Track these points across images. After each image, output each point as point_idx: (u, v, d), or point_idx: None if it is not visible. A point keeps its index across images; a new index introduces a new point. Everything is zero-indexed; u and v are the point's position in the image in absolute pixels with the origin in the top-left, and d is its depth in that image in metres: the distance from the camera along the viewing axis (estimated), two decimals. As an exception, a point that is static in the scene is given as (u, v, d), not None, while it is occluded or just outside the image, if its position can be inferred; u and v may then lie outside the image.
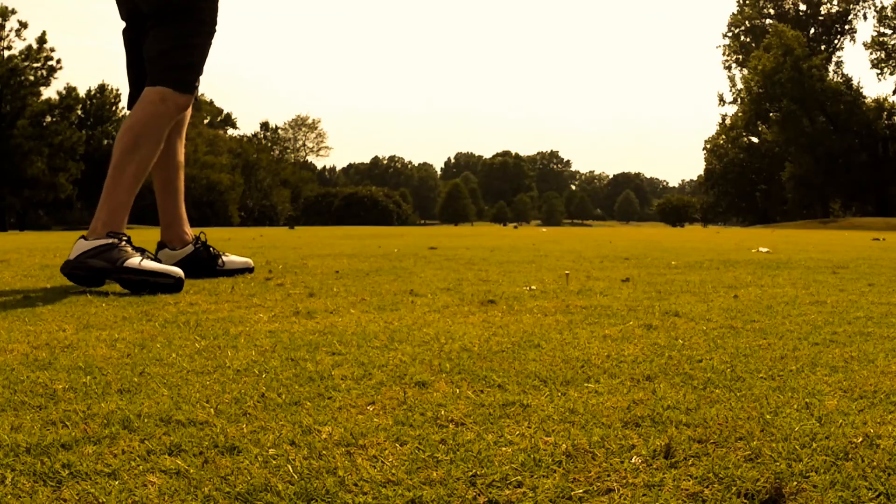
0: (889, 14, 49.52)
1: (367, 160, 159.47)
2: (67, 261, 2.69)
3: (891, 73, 49.65)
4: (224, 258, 3.24)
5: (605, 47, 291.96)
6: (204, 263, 3.20)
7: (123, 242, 2.69)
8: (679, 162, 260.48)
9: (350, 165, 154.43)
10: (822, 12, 55.04)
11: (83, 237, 2.71)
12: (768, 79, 47.40)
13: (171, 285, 2.60)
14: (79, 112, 44.27)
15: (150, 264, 2.64)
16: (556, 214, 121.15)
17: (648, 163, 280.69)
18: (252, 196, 64.27)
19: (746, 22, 56.37)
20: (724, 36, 58.21)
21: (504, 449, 0.96)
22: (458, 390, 1.24)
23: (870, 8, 52.91)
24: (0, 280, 3.08)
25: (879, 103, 48.69)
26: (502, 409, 1.13)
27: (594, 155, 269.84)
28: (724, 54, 57.52)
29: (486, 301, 2.33)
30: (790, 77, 46.30)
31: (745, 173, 55.52)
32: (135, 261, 2.62)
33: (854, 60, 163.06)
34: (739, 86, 53.52)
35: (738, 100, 53.73)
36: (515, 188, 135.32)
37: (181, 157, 3.29)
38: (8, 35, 40.77)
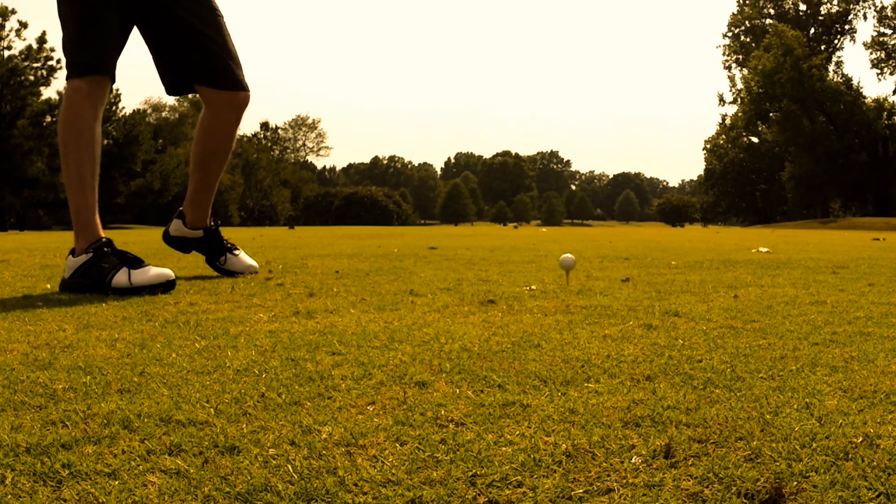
0: (889, 14, 49.56)
1: (367, 160, 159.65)
2: (63, 279, 2.72)
3: (891, 73, 49.69)
4: (230, 256, 3.23)
5: (606, 47, 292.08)
6: (209, 251, 3.22)
7: (106, 255, 2.65)
8: (679, 162, 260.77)
9: (350, 165, 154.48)
10: (822, 12, 55.07)
11: (72, 251, 2.72)
12: (768, 79, 47.42)
13: (163, 285, 2.59)
14: (79, 112, 44.26)
15: (138, 278, 2.57)
16: (556, 214, 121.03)
17: (648, 163, 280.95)
18: (252, 196, 64.29)
19: (746, 22, 56.40)
20: (724, 36, 58.29)
21: (504, 449, 0.96)
22: (458, 390, 1.24)
23: (870, 8, 52.96)
24: (0, 280, 3.08)
25: (879, 103, 48.72)
26: (502, 409, 1.13)
27: (594, 155, 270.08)
28: (724, 54, 57.59)
29: (486, 301, 2.33)
30: (790, 77, 46.31)
31: (745, 173, 55.56)
32: (121, 278, 2.57)
33: (854, 60, 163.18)
34: (739, 86, 53.56)
35: (738, 100, 53.77)
36: (515, 188, 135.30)
37: (212, 147, 3.14)
38: (8, 35, 40.72)
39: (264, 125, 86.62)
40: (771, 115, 49.78)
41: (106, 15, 2.76)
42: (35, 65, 40.95)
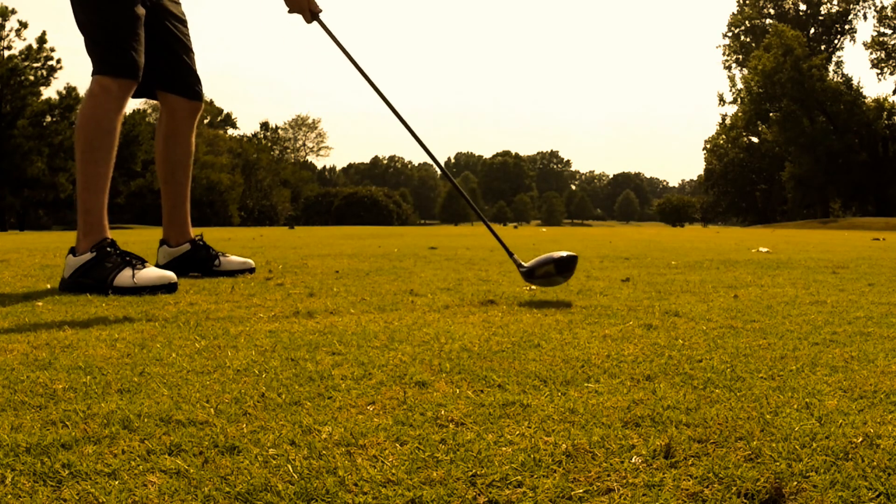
0: (889, 14, 49.56)
1: (367, 160, 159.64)
2: (63, 279, 2.72)
3: (891, 73, 49.70)
4: (222, 258, 3.25)
5: (606, 47, 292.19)
6: (200, 262, 3.22)
7: (109, 254, 2.65)
8: (679, 162, 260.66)
9: (350, 165, 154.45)
10: (822, 12, 55.08)
11: (72, 250, 2.72)
12: (768, 79, 47.44)
13: (165, 287, 2.59)
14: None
15: (141, 277, 2.58)
16: (556, 214, 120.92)
17: (648, 163, 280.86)
18: (252, 196, 64.28)
19: (746, 22, 56.41)
20: (724, 36, 58.32)
21: (504, 449, 0.96)
22: (458, 390, 1.24)
23: (870, 8, 52.97)
24: (0, 280, 3.08)
25: (879, 103, 48.73)
26: (502, 409, 1.13)
27: (594, 155, 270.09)
28: (724, 54, 57.61)
29: (486, 301, 2.33)
30: (790, 77, 46.32)
31: (745, 173, 55.59)
32: (125, 277, 2.58)
33: (854, 60, 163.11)
34: (739, 86, 53.58)
35: (738, 100, 53.78)
36: (515, 188, 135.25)
37: (179, 154, 3.21)
38: (8, 35, 40.76)
39: (264, 125, 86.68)
40: (771, 115, 49.79)
41: (141, 23, 2.82)
42: (35, 65, 40.99)
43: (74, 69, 52.25)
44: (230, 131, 72.96)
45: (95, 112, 2.75)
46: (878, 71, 50.05)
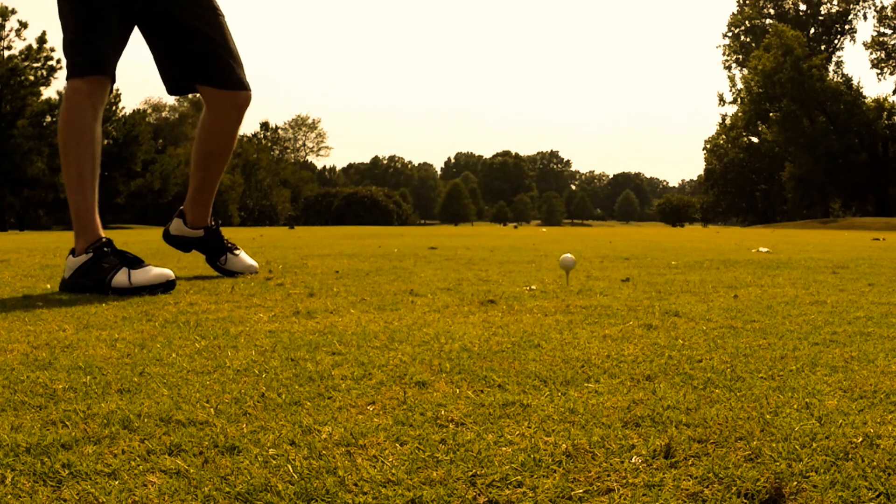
0: (889, 14, 49.59)
1: (367, 160, 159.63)
2: (63, 279, 2.72)
3: (891, 73, 49.75)
4: (231, 255, 3.23)
5: (606, 46, 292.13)
6: (210, 251, 3.23)
7: (105, 255, 2.65)
8: (679, 162, 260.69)
9: (350, 165, 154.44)
10: (822, 12, 55.11)
11: (72, 251, 2.72)
12: (768, 79, 47.47)
13: (163, 286, 2.59)
14: (79, 112, 44.23)
15: (139, 277, 2.57)
16: (556, 214, 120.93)
17: (648, 163, 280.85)
18: (252, 196, 64.29)
19: (746, 22, 56.45)
20: (724, 36, 58.40)
21: (504, 449, 0.96)
22: (458, 390, 1.24)
23: (870, 8, 53.02)
24: (0, 280, 3.08)
25: (879, 103, 48.76)
26: (502, 409, 1.13)
27: (594, 155, 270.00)
28: (724, 54, 57.68)
29: (486, 301, 2.33)
30: (790, 77, 46.35)
31: (745, 173, 55.64)
32: (122, 277, 2.57)
33: (854, 60, 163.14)
34: (739, 86, 53.63)
35: (738, 100, 53.82)
36: (515, 188, 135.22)
37: (212, 146, 3.14)
38: (8, 35, 40.73)
39: (264, 125, 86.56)
40: (771, 115, 49.82)
41: (107, 15, 2.77)
42: (35, 65, 40.94)
43: (74, 69, 52.22)
44: (230, 131, 72.74)
45: (69, 115, 2.77)
46: (878, 71, 50.13)
